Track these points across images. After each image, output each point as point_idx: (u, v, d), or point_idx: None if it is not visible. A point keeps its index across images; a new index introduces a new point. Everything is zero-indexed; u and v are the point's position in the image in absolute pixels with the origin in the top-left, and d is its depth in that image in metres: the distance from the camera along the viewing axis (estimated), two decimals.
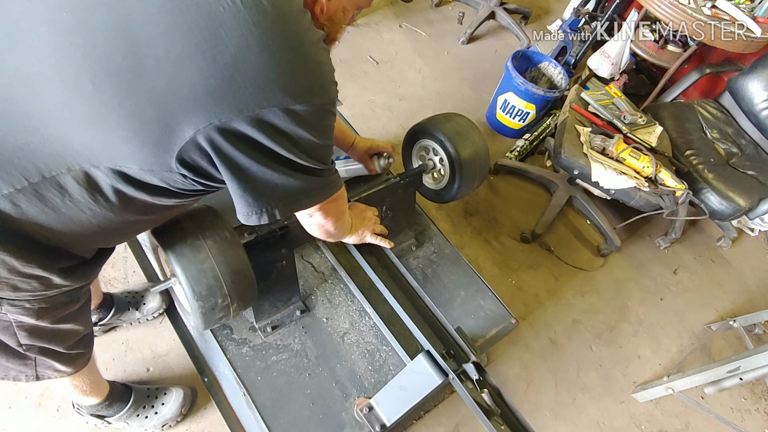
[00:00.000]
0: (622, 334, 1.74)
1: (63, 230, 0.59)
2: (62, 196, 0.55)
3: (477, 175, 1.31)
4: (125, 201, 0.59)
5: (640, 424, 1.55)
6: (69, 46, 0.46)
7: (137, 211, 0.63)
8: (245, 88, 0.49)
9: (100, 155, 0.52)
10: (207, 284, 0.83)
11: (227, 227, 0.88)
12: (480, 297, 1.40)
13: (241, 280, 0.88)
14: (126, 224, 0.66)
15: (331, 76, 0.58)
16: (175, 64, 0.46)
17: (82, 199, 0.56)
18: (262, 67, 0.49)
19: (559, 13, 2.93)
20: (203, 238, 0.83)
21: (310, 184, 0.64)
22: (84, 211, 0.58)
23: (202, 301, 0.84)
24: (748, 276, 2.08)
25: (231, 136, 0.52)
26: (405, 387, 1.09)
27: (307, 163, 0.61)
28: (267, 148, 0.55)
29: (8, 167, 0.51)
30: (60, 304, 0.71)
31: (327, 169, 0.66)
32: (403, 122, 2.08)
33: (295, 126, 0.55)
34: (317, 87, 0.55)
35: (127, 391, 1.14)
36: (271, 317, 1.22)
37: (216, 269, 0.83)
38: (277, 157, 0.57)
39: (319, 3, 0.60)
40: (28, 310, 0.67)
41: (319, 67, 0.55)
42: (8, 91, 0.48)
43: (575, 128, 1.66)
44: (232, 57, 0.47)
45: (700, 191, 1.71)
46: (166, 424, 1.17)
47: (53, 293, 0.67)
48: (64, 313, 0.74)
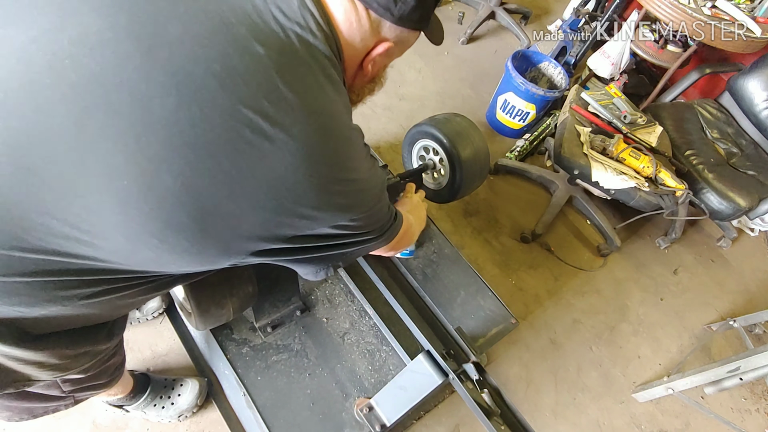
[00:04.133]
0: (622, 334, 1.74)
1: (112, 313, 0.63)
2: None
3: (477, 175, 1.31)
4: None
5: (640, 424, 1.55)
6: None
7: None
8: (298, 218, 0.51)
9: (159, 269, 0.53)
10: (207, 284, 0.83)
11: None
12: (480, 297, 1.40)
13: (241, 280, 0.88)
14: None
15: (371, 183, 0.58)
16: (241, 217, 0.48)
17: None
18: (315, 204, 0.50)
19: (559, 13, 2.93)
20: None
21: (374, 244, 0.67)
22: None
23: (202, 301, 0.84)
24: (748, 276, 2.08)
25: (289, 244, 0.54)
26: (405, 387, 1.09)
27: (369, 235, 0.63)
28: (327, 245, 0.58)
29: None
30: (105, 359, 0.75)
31: (385, 226, 0.67)
32: (403, 122, 2.08)
33: (353, 230, 0.58)
34: (360, 202, 0.57)
35: (146, 380, 1.15)
36: (271, 317, 1.22)
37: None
38: (341, 245, 0.60)
39: (370, 58, 0.60)
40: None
41: (362, 184, 0.56)
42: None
43: (575, 128, 1.66)
44: (292, 201, 0.49)
45: (700, 191, 1.70)
46: (182, 414, 1.17)
47: (101, 357, 0.71)
48: (106, 361, 0.77)
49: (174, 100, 0.41)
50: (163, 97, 0.41)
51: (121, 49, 0.41)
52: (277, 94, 0.45)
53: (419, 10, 0.56)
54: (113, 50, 0.41)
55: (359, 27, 0.54)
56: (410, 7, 0.54)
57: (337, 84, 0.52)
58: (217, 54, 0.43)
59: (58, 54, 0.40)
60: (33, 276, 0.46)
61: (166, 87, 0.41)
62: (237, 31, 0.44)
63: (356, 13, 0.53)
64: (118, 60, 0.41)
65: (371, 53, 0.59)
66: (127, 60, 0.41)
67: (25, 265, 0.45)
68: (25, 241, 0.43)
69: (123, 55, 0.41)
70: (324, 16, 0.50)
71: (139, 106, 0.41)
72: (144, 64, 0.41)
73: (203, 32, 0.43)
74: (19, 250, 0.44)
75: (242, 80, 0.43)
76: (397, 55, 0.64)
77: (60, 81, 0.40)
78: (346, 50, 0.56)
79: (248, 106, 0.43)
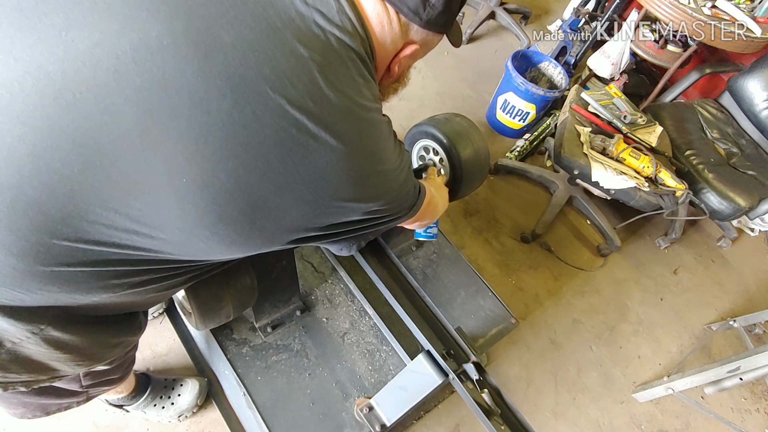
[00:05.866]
0: (622, 334, 1.74)
1: (150, 302, 0.67)
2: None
3: (477, 175, 1.31)
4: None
5: (640, 424, 1.55)
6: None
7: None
8: (336, 209, 0.55)
9: (206, 257, 0.57)
10: (207, 284, 0.83)
11: None
12: (480, 297, 1.40)
13: (241, 280, 0.88)
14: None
15: (400, 169, 0.61)
16: (285, 210, 0.51)
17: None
18: (351, 196, 0.55)
19: (559, 13, 2.93)
20: None
21: (401, 219, 0.71)
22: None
23: (202, 301, 0.84)
24: (748, 276, 2.08)
25: (323, 231, 0.58)
26: (405, 387, 1.09)
27: (397, 215, 0.66)
28: (358, 228, 0.62)
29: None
30: (128, 351, 0.79)
31: (411, 203, 0.70)
32: (403, 122, 2.08)
33: (382, 213, 0.62)
34: (390, 189, 0.61)
35: (146, 380, 1.16)
36: (271, 317, 1.22)
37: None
38: (370, 226, 0.63)
39: (398, 59, 0.63)
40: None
41: (392, 173, 0.60)
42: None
43: (575, 128, 1.66)
44: (331, 194, 0.52)
45: (700, 191, 1.71)
46: (182, 414, 1.17)
47: (127, 350, 0.75)
48: (127, 353, 0.81)
49: (229, 103, 0.44)
50: (219, 101, 0.44)
51: (180, 54, 0.43)
52: (320, 93, 0.48)
53: (445, 15, 0.59)
54: (173, 55, 0.43)
55: (390, 30, 0.58)
56: (438, 11, 0.58)
57: (370, 83, 0.55)
58: (267, 58, 0.46)
59: (122, 58, 0.43)
60: (93, 266, 0.49)
61: (222, 90, 0.44)
62: (283, 35, 0.47)
63: (388, 16, 0.56)
64: (177, 65, 0.43)
65: (399, 54, 0.62)
66: (186, 65, 0.43)
67: (87, 255, 0.48)
68: (88, 233, 0.46)
69: (182, 60, 0.43)
70: (360, 20, 0.53)
71: (198, 108, 0.44)
72: (202, 69, 0.44)
73: (253, 37, 0.46)
74: (83, 242, 0.47)
75: (289, 82, 0.46)
76: (421, 56, 0.68)
77: (125, 84, 0.42)
78: (378, 51, 0.59)
79: (295, 107, 0.46)
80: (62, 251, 0.46)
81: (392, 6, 0.56)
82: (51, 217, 0.44)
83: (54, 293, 0.50)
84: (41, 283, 0.48)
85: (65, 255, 0.47)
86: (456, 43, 0.69)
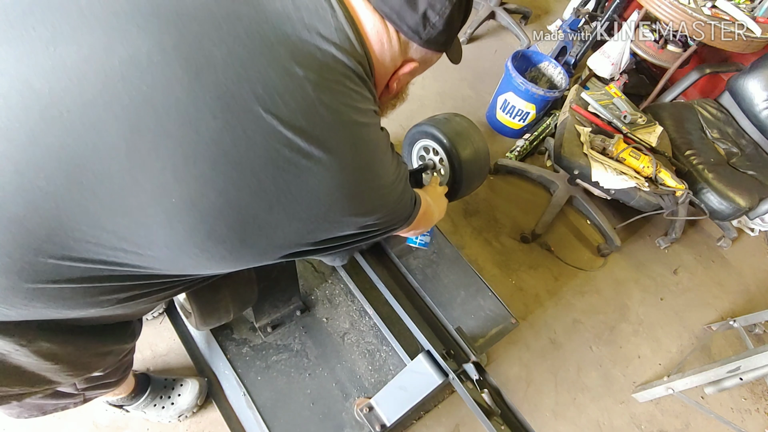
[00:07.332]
0: (622, 334, 1.74)
1: (140, 313, 0.66)
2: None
3: (477, 175, 1.31)
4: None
5: (640, 424, 1.55)
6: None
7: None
8: (329, 224, 0.54)
9: (195, 272, 0.56)
10: (207, 284, 0.83)
11: None
12: (480, 297, 1.40)
13: (241, 280, 0.88)
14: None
15: (396, 183, 0.61)
16: (277, 227, 0.50)
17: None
18: (345, 211, 0.54)
19: (559, 13, 2.93)
20: None
21: (395, 231, 0.70)
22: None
23: (202, 301, 0.84)
24: (748, 276, 2.08)
25: (317, 246, 0.57)
26: (405, 387, 1.09)
27: (392, 227, 0.66)
28: (352, 241, 0.61)
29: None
30: (122, 357, 0.79)
31: (406, 215, 0.69)
32: (403, 122, 2.08)
33: (377, 226, 0.61)
34: (386, 202, 0.60)
35: (146, 380, 1.16)
36: (271, 317, 1.22)
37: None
38: (365, 239, 0.62)
39: (396, 76, 0.62)
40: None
41: (388, 187, 0.59)
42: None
43: (575, 128, 1.66)
44: (325, 210, 0.51)
45: (700, 191, 1.71)
46: (182, 414, 1.18)
47: (122, 355, 0.75)
48: (122, 359, 0.81)
49: (220, 122, 0.43)
50: (209, 120, 0.43)
51: (169, 71, 0.43)
52: (314, 111, 0.47)
53: (445, 34, 0.59)
54: (162, 72, 0.42)
55: (390, 48, 0.57)
56: (438, 31, 0.57)
57: (368, 100, 0.55)
58: (260, 76, 0.45)
59: (110, 75, 0.42)
60: (80, 282, 0.48)
61: (213, 109, 0.43)
62: (278, 52, 0.46)
63: (387, 35, 0.56)
64: (167, 82, 0.42)
65: (398, 72, 0.62)
66: (177, 82, 0.42)
67: (73, 272, 0.47)
68: (75, 250, 0.45)
69: (172, 78, 0.43)
70: (358, 38, 0.53)
71: (187, 127, 0.43)
72: (192, 87, 0.43)
73: (246, 55, 0.45)
74: (69, 259, 0.46)
75: (282, 101, 0.45)
76: (420, 73, 0.67)
77: (113, 101, 0.42)
78: (377, 69, 0.58)
79: (287, 126, 0.45)
80: (48, 268, 0.45)
81: (392, 24, 0.55)
82: (35, 234, 0.43)
83: (40, 309, 0.50)
84: (26, 299, 0.48)
85: (51, 272, 0.46)
86: (455, 60, 0.68)
